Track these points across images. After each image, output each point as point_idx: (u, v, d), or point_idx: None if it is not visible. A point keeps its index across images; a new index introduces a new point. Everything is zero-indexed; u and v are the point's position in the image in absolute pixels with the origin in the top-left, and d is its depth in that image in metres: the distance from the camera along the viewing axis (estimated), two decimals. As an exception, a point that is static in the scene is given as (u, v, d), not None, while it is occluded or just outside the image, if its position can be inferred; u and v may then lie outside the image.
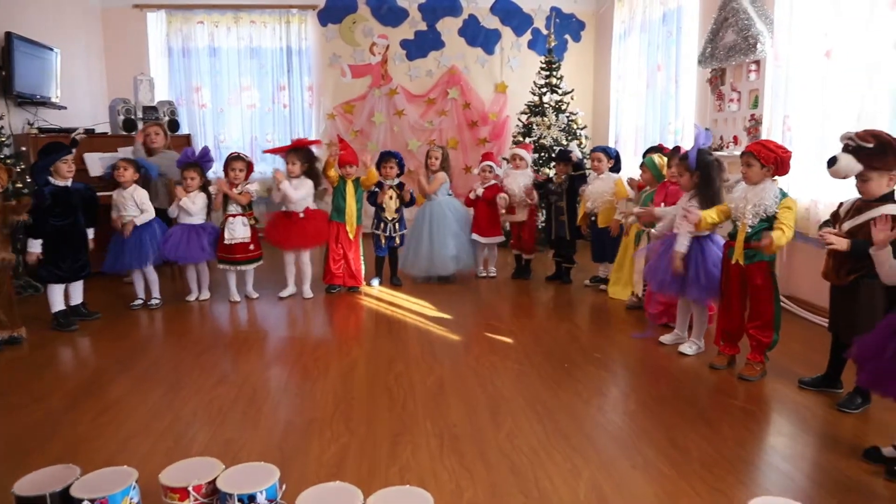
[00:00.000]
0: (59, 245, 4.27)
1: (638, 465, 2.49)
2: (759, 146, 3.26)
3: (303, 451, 2.60)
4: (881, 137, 2.83)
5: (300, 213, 4.98)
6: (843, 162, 2.86)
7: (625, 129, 7.47)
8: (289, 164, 4.97)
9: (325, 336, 4.33)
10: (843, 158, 2.87)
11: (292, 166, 4.95)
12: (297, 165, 4.96)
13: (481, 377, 3.41)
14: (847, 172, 2.87)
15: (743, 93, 5.24)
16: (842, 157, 2.87)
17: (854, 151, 2.85)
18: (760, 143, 3.35)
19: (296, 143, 5.13)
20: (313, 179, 5.03)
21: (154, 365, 3.66)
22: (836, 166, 2.88)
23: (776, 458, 2.60)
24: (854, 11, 4.01)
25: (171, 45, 7.77)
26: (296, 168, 4.96)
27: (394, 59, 8.19)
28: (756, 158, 3.23)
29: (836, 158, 2.88)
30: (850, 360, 2.58)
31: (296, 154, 4.99)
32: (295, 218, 4.98)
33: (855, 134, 2.87)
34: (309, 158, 5.05)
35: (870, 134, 2.84)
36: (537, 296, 5.27)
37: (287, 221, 5.01)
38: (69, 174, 4.30)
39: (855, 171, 2.85)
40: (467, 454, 2.56)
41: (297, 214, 4.98)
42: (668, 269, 3.65)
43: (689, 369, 3.57)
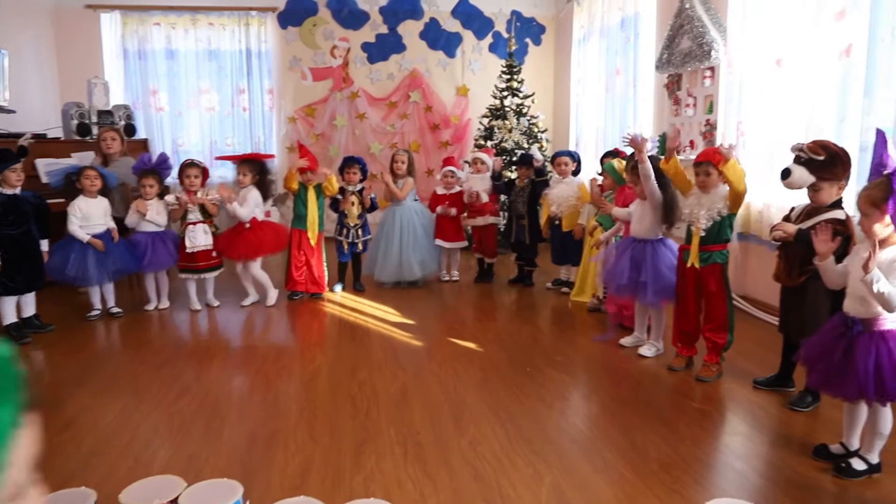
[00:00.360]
0: (13, 255, 4.15)
1: (599, 468, 2.54)
2: (716, 156, 3.34)
3: (266, 464, 2.59)
4: (830, 149, 2.94)
5: (246, 224, 4.94)
6: (797, 174, 2.96)
7: (585, 133, 7.58)
8: (239, 175, 4.93)
9: (288, 344, 4.31)
10: (796, 171, 2.97)
11: (243, 177, 4.94)
12: (248, 177, 4.94)
13: (444, 383, 3.43)
14: (800, 184, 2.98)
15: (699, 98, 5.37)
16: (795, 170, 2.97)
17: (806, 163, 2.95)
18: (713, 150, 3.42)
19: (249, 156, 5.10)
20: (262, 191, 5.00)
21: (112, 378, 3.59)
22: (789, 178, 2.98)
23: (731, 458, 2.68)
24: (802, 22, 4.15)
25: (126, 46, 7.62)
26: (246, 179, 4.94)
27: (355, 62, 8.17)
28: (714, 167, 3.32)
29: (790, 171, 2.98)
30: (799, 363, 2.67)
31: (247, 165, 4.96)
32: (241, 228, 4.94)
33: (806, 146, 2.97)
34: (260, 170, 5.01)
35: (819, 146, 2.95)
36: (500, 299, 5.32)
37: (233, 232, 4.96)
38: (18, 182, 4.19)
39: (808, 182, 2.96)
40: (431, 462, 2.58)
41: (244, 225, 4.94)
42: (625, 272, 3.72)
43: (648, 371, 3.65)
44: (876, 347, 2.32)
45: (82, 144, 5.99)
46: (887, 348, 2.31)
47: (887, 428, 2.47)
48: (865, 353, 2.32)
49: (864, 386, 2.30)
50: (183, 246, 4.84)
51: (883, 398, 2.33)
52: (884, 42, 3.53)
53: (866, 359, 2.31)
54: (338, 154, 8.02)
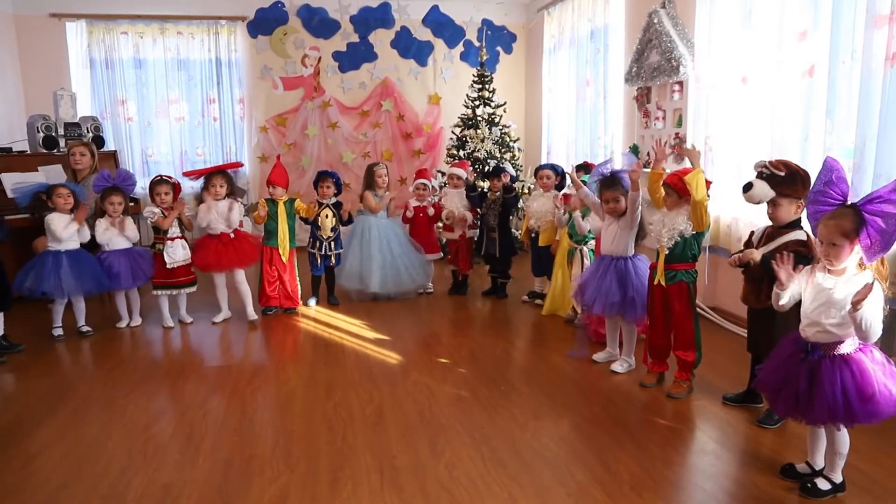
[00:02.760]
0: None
1: (572, 491, 2.59)
2: (676, 179, 3.40)
3: (243, 492, 2.59)
4: (791, 167, 3.04)
5: (230, 233, 4.91)
6: (758, 188, 3.05)
7: (556, 142, 7.65)
8: (217, 187, 4.89)
9: (263, 362, 4.29)
10: (758, 185, 3.06)
11: (220, 189, 4.89)
12: (224, 188, 4.91)
13: (419, 403, 3.45)
14: (760, 198, 3.06)
15: (668, 111, 5.46)
16: (756, 184, 3.06)
17: (767, 178, 3.04)
18: (676, 175, 3.47)
19: (218, 168, 5.07)
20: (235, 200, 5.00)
21: (84, 403, 3.55)
22: (751, 192, 3.07)
23: (700, 478, 2.74)
24: (766, 40, 4.25)
25: (93, 56, 7.49)
26: (223, 191, 4.91)
27: (326, 71, 8.15)
28: (674, 190, 3.39)
29: (752, 184, 3.07)
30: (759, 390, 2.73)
31: (221, 177, 4.93)
32: (225, 239, 4.91)
33: (768, 162, 3.06)
34: (230, 181, 5.00)
35: (781, 163, 3.04)
36: (474, 312, 5.36)
37: (217, 243, 4.91)
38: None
39: (768, 196, 3.04)
40: (407, 488, 2.60)
41: (228, 235, 4.91)
42: (598, 289, 3.78)
43: (620, 388, 3.71)
44: (840, 373, 2.39)
45: (49, 158, 5.89)
46: (850, 372, 2.38)
47: (845, 447, 2.55)
48: (831, 379, 2.38)
49: (834, 411, 2.37)
50: (161, 262, 4.79)
51: (850, 421, 2.41)
52: (844, 64, 3.64)
53: (833, 385, 2.37)
54: (310, 163, 8.01)
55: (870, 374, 2.37)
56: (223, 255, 4.91)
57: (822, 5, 3.79)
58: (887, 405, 2.34)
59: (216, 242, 4.92)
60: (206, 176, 4.99)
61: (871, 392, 2.34)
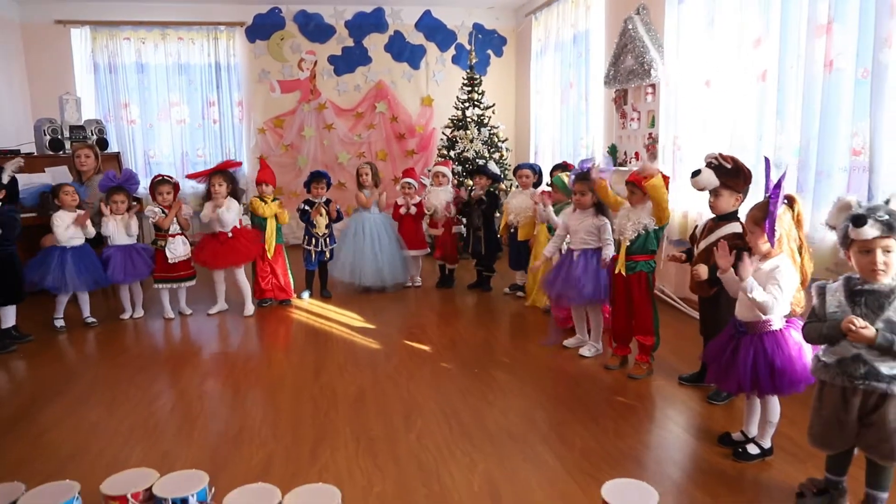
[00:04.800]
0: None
1: (528, 457, 2.88)
2: (640, 179, 3.70)
3: (233, 459, 2.89)
4: (737, 162, 3.33)
5: (228, 232, 5.20)
6: (705, 175, 3.33)
7: (543, 142, 7.93)
8: (216, 186, 5.15)
9: (256, 350, 4.59)
10: (705, 172, 3.34)
11: (220, 187, 5.16)
12: (224, 186, 5.18)
13: (398, 385, 3.75)
14: (705, 185, 3.34)
15: (642, 113, 5.75)
16: (704, 171, 3.35)
17: (715, 169, 3.33)
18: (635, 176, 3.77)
19: (217, 168, 5.34)
20: (236, 199, 5.26)
21: (90, 386, 3.85)
22: (698, 178, 3.35)
23: (648, 447, 3.03)
24: (727, 46, 4.53)
25: (96, 61, 7.82)
26: (223, 189, 5.17)
27: (322, 75, 8.45)
28: (637, 188, 3.68)
29: (700, 171, 3.36)
30: (702, 360, 3.03)
31: (221, 176, 5.20)
32: (223, 237, 5.19)
33: (719, 154, 3.35)
34: (231, 180, 5.27)
35: (729, 157, 3.33)
36: (458, 304, 5.66)
37: (215, 241, 5.20)
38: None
39: (712, 184, 3.33)
40: (380, 455, 2.90)
41: (226, 234, 5.20)
42: (564, 281, 4.07)
43: (586, 370, 4.00)
44: (754, 348, 2.69)
45: (55, 159, 6.20)
46: (763, 349, 2.68)
47: (776, 416, 2.84)
48: (746, 352, 2.70)
49: (743, 381, 2.68)
50: (163, 257, 5.09)
51: (759, 392, 2.71)
52: (791, 69, 3.92)
53: (745, 358, 2.68)
54: (306, 164, 8.32)
55: (783, 350, 2.66)
56: (219, 254, 5.20)
57: (773, 14, 4.07)
58: (792, 381, 2.63)
59: (214, 241, 5.21)
60: (208, 176, 5.27)
61: (779, 366, 2.64)
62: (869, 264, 2.20)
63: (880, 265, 2.18)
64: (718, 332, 3.21)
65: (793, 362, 2.67)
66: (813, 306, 2.40)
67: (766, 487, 2.67)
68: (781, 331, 2.73)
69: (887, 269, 2.19)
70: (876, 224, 2.16)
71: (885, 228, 2.16)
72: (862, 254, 2.23)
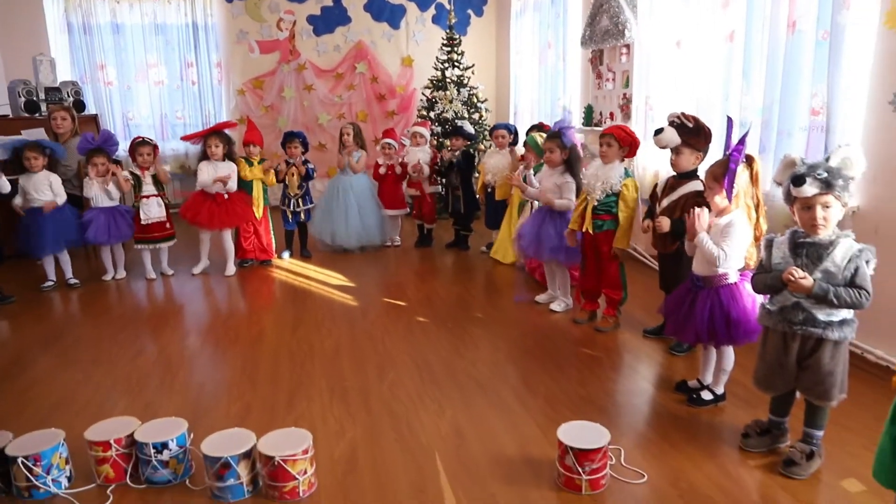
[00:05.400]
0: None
1: (493, 403, 3.04)
2: (619, 130, 3.80)
3: (212, 408, 3.03)
4: (698, 121, 3.44)
5: (225, 194, 5.24)
6: (667, 133, 3.45)
7: (522, 103, 7.98)
8: (212, 147, 5.18)
9: (237, 307, 4.71)
10: (668, 131, 3.46)
11: (216, 149, 5.19)
12: (221, 148, 5.21)
13: (374, 339, 3.89)
14: (667, 143, 3.46)
15: (617, 73, 5.81)
16: (666, 130, 3.46)
17: (678, 127, 3.44)
18: (619, 127, 3.87)
19: (213, 128, 5.35)
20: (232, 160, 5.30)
21: (75, 343, 3.96)
22: (660, 135, 3.47)
23: (607, 393, 3.19)
24: (697, 7, 4.59)
25: (70, 21, 7.69)
26: (219, 150, 5.20)
27: (301, 35, 8.40)
28: (616, 140, 3.78)
29: (662, 129, 3.47)
30: (660, 313, 3.18)
31: (217, 137, 5.22)
32: (220, 199, 5.24)
33: (681, 113, 3.46)
34: (227, 141, 5.30)
35: (691, 116, 3.44)
36: (436, 262, 5.78)
37: (211, 203, 5.23)
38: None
39: (674, 142, 3.44)
40: (353, 403, 3.05)
41: (221, 196, 5.23)
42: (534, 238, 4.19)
43: (556, 324, 4.15)
44: (710, 301, 2.83)
45: (31, 122, 6.18)
46: (719, 301, 2.82)
47: (730, 365, 3.01)
48: (702, 305, 2.84)
49: (700, 332, 2.83)
50: (138, 218, 5.16)
51: (716, 342, 2.86)
52: (758, 30, 4.00)
53: (703, 310, 2.83)
54: (287, 125, 8.32)
55: (738, 303, 2.81)
56: (215, 215, 5.26)
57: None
58: (746, 331, 2.78)
59: (210, 202, 5.25)
60: (203, 137, 5.30)
61: (734, 318, 2.79)
62: (809, 219, 2.33)
63: (820, 220, 2.31)
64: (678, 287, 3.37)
65: (747, 314, 2.81)
66: (761, 258, 2.54)
67: (718, 430, 2.84)
68: (736, 284, 2.87)
69: (826, 224, 2.32)
70: (815, 182, 2.28)
71: (823, 186, 2.28)
72: (803, 210, 2.36)
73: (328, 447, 2.66)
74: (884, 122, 3.28)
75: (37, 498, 2.35)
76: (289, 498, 2.30)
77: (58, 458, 2.38)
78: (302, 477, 2.29)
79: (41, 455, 2.32)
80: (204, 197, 5.27)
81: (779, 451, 2.62)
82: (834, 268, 2.29)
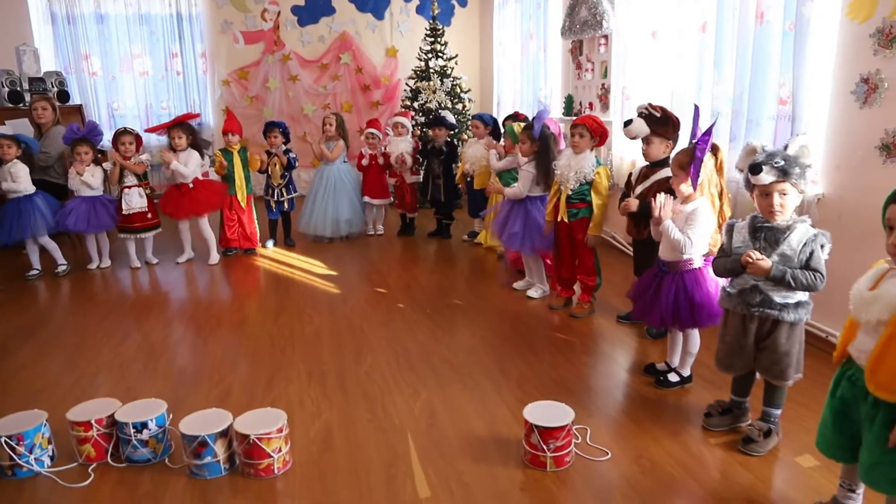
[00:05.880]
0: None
1: (467, 386, 3.13)
2: (590, 120, 3.88)
3: (193, 391, 3.11)
4: (666, 111, 3.54)
5: (189, 184, 5.31)
6: (636, 124, 3.55)
7: (505, 93, 8.05)
8: (175, 139, 5.25)
9: (220, 295, 4.78)
10: (637, 122, 3.56)
11: (178, 140, 5.26)
12: (183, 139, 5.28)
13: (353, 325, 3.98)
14: (637, 133, 3.56)
15: (596, 64, 5.88)
16: (636, 121, 3.56)
17: (646, 118, 3.53)
18: (590, 117, 3.95)
19: (176, 120, 5.41)
20: (198, 150, 5.36)
21: (59, 330, 4.03)
22: (630, 126, 3.57)
23: (578, 376, 3.28)
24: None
25: (53, 11, 7.68)
26: (182, 142, 5.27)
27: (285, 25, 8.42)
28: (588, 130, 3.86)
29: (631, 120, 3.57)
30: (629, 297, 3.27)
31: (180, 129, 5.29)
32: (185, 189, 5.31)
33: (649, 104, 3.54)
34: (191, 131, 5.36)
35: (658, 107, 3.53)
36: (418, 251, 5.87)
37: (177, 192, 5.33)
38: None
39: (643, 133, 3.54)
40: (330, 386, 3.14)
41: (187, 185, 5.31)
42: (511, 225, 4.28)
43: (533, 311, 4.25)
44: (675, 286, 2.93)
45: (16, 112, 6.21)
46: (683, 286, 2.92)
47: (695, 348, 3.11)
48: (668, 290, 2.93)
49: (665, 315, 2.93)
50: (120, 208, 5.21)
51: (680, 326, 2.96)
52: (729, 20, 4.09)
53: (668, 294, 2.92)
54: (272, 116, 8.35)
55: (702, 287, 2.91)
56: (182, 205, 5.33)
57: (713, -34, 4.21)
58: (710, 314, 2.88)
59: (177, 192, 5.33)
60: (167, 129, 5.35)
61: (698, 301, 2.88)
62: (767, 206, 2.43)
63: (777, 207, 2.40)
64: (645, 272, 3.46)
65: (710, 298, 2.91)
66: (723, 243, 2.64)
67: (683, 410, 2.94)
68: (700, 269, 2.96)
69: (783, 210, 2.42)
70: (772, 170, 2.37)
71: (780, 174, 2.37)
72: (762, 196, 2.45)
73: (304, 427, 2.74)
74: (846, 112, 3.38)
75: (20, 476, 2.43)
76: (264, 475, 2.38)
77: (40, 437, 2.46)
78: (277, 455, 2.38)
79: (24, 435, 2.40)
80: (173, 188, 5.34)
81: (740, 429, 2.72)
82: (790, 251, 2.38)
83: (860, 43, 3.26)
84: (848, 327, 1.99)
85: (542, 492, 2.31)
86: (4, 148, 4.94)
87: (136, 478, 2.42)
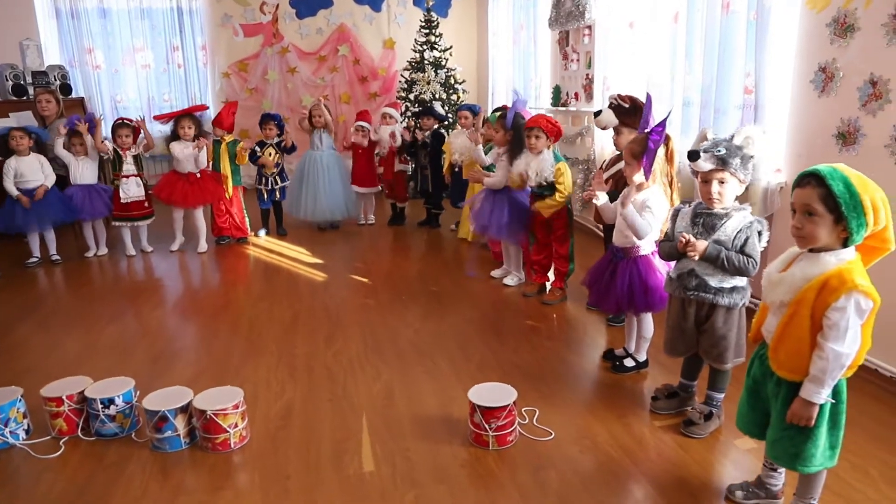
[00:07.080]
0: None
1: (428, 369, 3.25)
2: (544, 121, 3.96)
3: (167, 371, 3.26)
4: (635, 101, 3.61)
5: (197, 173, 5.47)
6: (605, 115, 3.64)
7: (499, 83, 8.13)
8: (185, 129, 5.40)
9: (208, 282, 4.94)
10: (605, 113, 3.64)
11: (189, 130, 5.41)
12: (193, 129, 5.43)
13: (329, 310, 4.11)
14: (606, 123, 3.65)
15: (581, 54, 5.95)
16: (605, 112, 3.65)
17: (615, 109, 3.61)
18: (543, 117, 4.00)
19: (186, 111, 5.57)
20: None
21: (52, 313, 4.21)
22: (599, 117, 3.66)
23: (539, 361, 3.37)
24: (647, -12, 4.74)
25: (58, 6, 7.87)
26: (191, 132, 5.43)
27: (284, 18, 8.55)
28: (543, 132, 3.95)
29: (601, 112, 3.65)
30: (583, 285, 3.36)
31: (189, 119, 5.45)
32: (192, 178, 5.47)
33: (618, 95, 3.63)
34: (198, 123, 5.52)
35: (628, 97, 3.61)
36: (405, 240, 5.99)
37: (183, 181, 5.47)
38: None
39: (612, 123, 3.62)
40: (297, 368, 3.28)
41: (194, 175, 5.47)
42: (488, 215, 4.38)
43: (507, 298, 4.36)
44: (629, 271, 3.02)
45: (19, 105, 6.40)
46: (637, 271, 3.01)
47: (649, 332, 3.20)
48: (622, 275, 3.02)
49: (620, 301, 3.02)
50: (117, 197, 5.39)
51: (635, 310, 3.05)
52: (699, 11, 4.15)
53: (622, 280, 3.01)
54: (271, 107, 8.49)
55: (654, 272, 3.00)
56: (189, 194, 5.49)
57: (685, -44, 4.27)
58: (662, 298, 2.97)
59: (183, 181, 5.48)
60: (175, 119, 5.51)
61: (651, 286, 2.97)
62: (706, 193, 2.51)
63: (715, 195, 2.48)
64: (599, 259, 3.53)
65: (662, 282, 3.00)
66: (668, 228, 2.73)
67: (636, 394, 3.04)
68: (652, 254, 3.06)
69: (721, 198, 2.50)
70: (711, 158, 2.45)
71: (719, 162, 2.45)
72: (702, 183, 2.53)
73: (267, 406, 2.89)
74: (806, 101, 3.44)
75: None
76: (221, 449, 2.53)
77: (15, 412, 2.62)
78: (233, 430, 2.52)
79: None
80: (177, 176, 5.49)
81: (686, 413, 2.81)
82: (724, 237, 2.47)
83: (818, 32, 3.32)
84: (762, 309, 2.08)
85: (480, 468, 2.43)
86: (17, 139, 5.12)
87: (103, 450, 2.58)
